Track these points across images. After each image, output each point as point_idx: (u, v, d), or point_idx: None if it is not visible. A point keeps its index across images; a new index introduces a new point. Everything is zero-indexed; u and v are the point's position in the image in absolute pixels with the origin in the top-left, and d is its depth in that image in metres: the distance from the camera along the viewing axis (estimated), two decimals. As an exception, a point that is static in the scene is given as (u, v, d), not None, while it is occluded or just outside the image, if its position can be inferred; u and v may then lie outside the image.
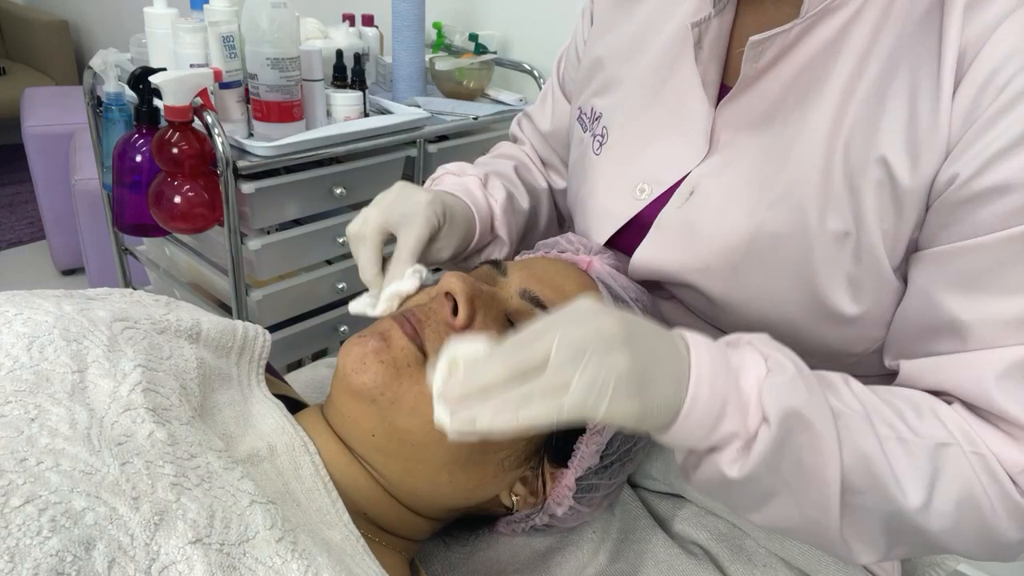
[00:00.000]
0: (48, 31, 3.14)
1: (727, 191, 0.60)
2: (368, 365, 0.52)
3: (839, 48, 0.55)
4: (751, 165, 0.60)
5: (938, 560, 0.82)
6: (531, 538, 0.66)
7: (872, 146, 0.53)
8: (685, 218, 0.63)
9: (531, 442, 0.56)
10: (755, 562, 0.66)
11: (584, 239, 0.71)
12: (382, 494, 0.55)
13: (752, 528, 0.68)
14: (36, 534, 0.33)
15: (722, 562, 0.65)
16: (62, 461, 0.37)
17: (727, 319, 0.64)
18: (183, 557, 0.36)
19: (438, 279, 0.57)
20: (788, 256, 0.57)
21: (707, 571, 0.64)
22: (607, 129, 0.72)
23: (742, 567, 0.65)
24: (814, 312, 0.58)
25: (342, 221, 1.35)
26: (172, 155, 1.10)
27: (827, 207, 0.55)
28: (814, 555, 0.65)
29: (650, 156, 0.67)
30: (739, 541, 0.68)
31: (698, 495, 0.71)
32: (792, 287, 0.58)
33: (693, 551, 0.66)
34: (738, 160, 0.61)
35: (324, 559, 0.42)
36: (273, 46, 1.12)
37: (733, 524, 0.69)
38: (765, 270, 0.58)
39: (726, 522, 0.70)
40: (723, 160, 0.62)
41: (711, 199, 0.61)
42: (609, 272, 0.66)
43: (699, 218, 0.62)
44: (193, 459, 0.42)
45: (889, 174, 0.53)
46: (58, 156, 2.22)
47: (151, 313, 0.54)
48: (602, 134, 0.72)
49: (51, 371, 0.42)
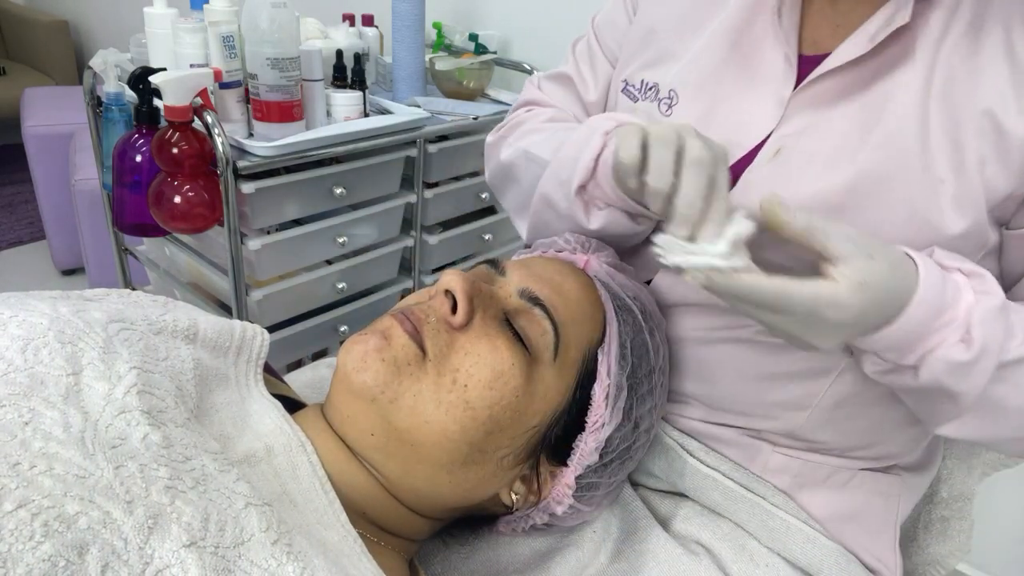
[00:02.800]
0: (48, 31, 3.14)
1: (819, 144, 0.60)
2: (369, 363, 0.52)
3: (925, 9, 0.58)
4: (841, 124, 0.60)
5: (939, 559, 0.82)
6: (531, 538, 0.66)
7: (974, 99, 0.56)
8: (775, 172, 0.62)
9: (530, 441, 0.56)
10: (757, 561, 0.66)
11: (581, 237, 0.70)
12: (382, 493, 0.55)
13: (755, 527, 0.67)
14: (29, 539, 0.32)
15: (724, 561, 0.65)
16: (55, 465, 0.36)
17: None
18: (177, 561, 0.36)
19: (437, 279, 0.57)
20: (891, 196, 0.58)
21: (708, 571, 0.63)
22: (675, 93, 0.69)
23: (744, 566, 0.65)
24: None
25: (342, 221, 1.35)
26: (172, 155, 1.10)
27: (928, 157, 0.57)
28: (816, 554, 0.65)
29: (724, 122, 0.66)
30: (741, 541, 0.67)
31: (700, 495, 0.70)
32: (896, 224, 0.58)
33: (695, 550, 0.66)
34: (825, 121, 0.61)
35: (320, 561, 0.42)
36: (273, 46, 1.12)
37: (735, 524, 0.69)
38: (866, 211, 0.59)
39: (728, 522, 0.69)
40: (808, 121, 0.62)
41: (803, 154, 0.61)
42: (607, 270, 0.66)
43: (792, 171, 0.61)
44: (188, 462, 0.42)
45: (996, 125, 0.55)
46: (58, 156, 2.22)
47: (148, 314, 0.54)
48: (669, 97, 0.70)
49: (45, 374, 0.42)
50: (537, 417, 0.56)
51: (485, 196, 1.60)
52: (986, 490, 1.40)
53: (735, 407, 0.69)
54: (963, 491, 0.81)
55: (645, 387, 0.62)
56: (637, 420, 0.62)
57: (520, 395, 0.54)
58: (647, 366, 0.62)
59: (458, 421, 0.52)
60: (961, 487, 0.81)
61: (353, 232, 1.39)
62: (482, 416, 0.52)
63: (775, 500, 0.68)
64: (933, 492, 0.83)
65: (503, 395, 0.53)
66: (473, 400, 0.52)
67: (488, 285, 0.59)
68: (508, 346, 0.54)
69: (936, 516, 0.83)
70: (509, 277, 0.61)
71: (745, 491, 0.68)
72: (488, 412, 0.52)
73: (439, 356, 0.54)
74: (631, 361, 0.61)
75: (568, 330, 0.58)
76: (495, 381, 0.53)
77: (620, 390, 0.59)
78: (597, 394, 0.58)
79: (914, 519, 0.85)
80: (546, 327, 0.57)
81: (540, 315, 0.57)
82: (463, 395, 0.52)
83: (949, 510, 0.82)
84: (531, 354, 0.55)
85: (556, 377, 0.57)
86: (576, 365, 0.58)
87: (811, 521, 0.68)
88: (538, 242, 0.74)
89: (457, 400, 0.52)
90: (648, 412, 0.63)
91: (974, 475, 0.82)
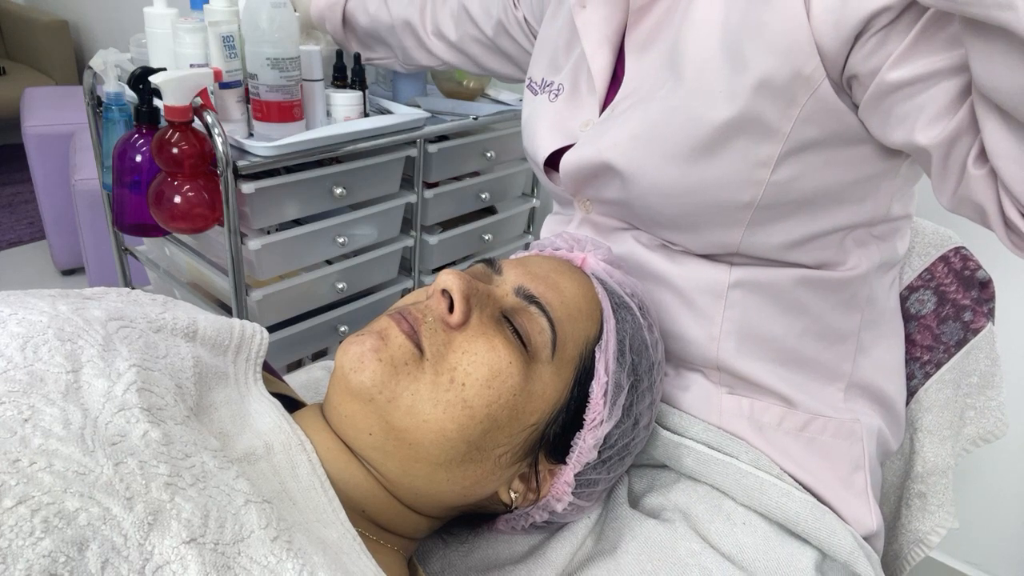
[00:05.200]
0: (48, 31, 3.14)
1: (645, 94, 0.69)
2: (366, 364, 0.52)
3: None
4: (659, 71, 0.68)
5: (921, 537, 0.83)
6: (530, 535, 0.66)
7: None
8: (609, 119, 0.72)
9: (528, 439, 0.57)
10: (734, 520, 0.66)
11: (578, 235, 0.72)
12: (381, 492, 0.55)
13: (730, 487, 0.69)
14: (29, 535, 0.33)
15: (700, 523, 0.66)
16: (55, 462, 0.37)
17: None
18: (177, 557, 0.36)
19: (436, 279, 0.57)
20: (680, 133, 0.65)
21: (683, 537, 0.64)
22: (562, 86, 0.82)
23: (721, 526, 0.66)
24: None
25: (342, 221, 1.35)
26: (172, 155, 1.10)
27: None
28: (792, 507, 0.66)
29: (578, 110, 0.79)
30: (716, 501, 0.68)
31: (674, 462, 0.72)
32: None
33: (669, 518, 0.67)
34: (646, 75, 0.70)
35: (320, 558, 0.42)
36: (273, 46, 1.12)
37: (711, 487, 0.70)
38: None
39: (704, 485, 0.70)
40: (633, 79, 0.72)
41: (629, 105, 0.71)
42: (604, 268, 0.66)
43: (622, 117, 0.71)
44: (188, 458, 0.42)
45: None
46: (58, 156, 2.22)
47: (147, 312, 0.54)
48: (557, 91, 0.83)
49: (45, 371, 0.42)
50: (535, 415, 0.56)
51: (485, 196, 1.60)
52: (986, 490, 1.40)
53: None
54: (937, 464, 0.82)
55: (645, 383, 0.62)
56: (636, 417, 0.62)
57: (518, 393, 0.54)
58: (647, 363, 0.63)
59: (456, 420, 0.52)
60: (935, 460, 0.82)
61: (353, 232, 1.39)
62: (480, 415, 0.52)
63: (747, 457, 0.70)
64: (909, 467, 0.85)
65: (501, 394, 0.53)
66: (471, 399, 0.52)
67: (485, 284, 0.59)
68: (505, 345, 0.54)
69: (914, 491, 0.84)
70: (506, 276, 0.61)
71: (716, 453, 0.70)
72: (486, 411, 0.53)
73: (436, 355, 0.54)
74: (630, 359, 0.61)
75: (565, 328, 0.58)
76: (493, 380, 0.53)
77: (619, 388, 0.59)
78: (595, 392, 0.59)
79: (897, 497, 0.86)
80: (543, 325, 0.57)
81: (537, 313, 0.57)
82: (461, 394, 0.52)
83: (925, 485, 0.83)
84: (529, 352, 0.55)
85: (554, 375, 0.57)
86: (574, 363, 0.58)
87: (784, 476, 0.69)
88: (535, 242, 0.74)
89: (455, 399, 0.52)
90: (648, 408, 0.64)
91: (946, 447, 0.82)
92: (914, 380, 0.85)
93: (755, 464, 0.69)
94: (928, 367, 0.84)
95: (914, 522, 0.84)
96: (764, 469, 0.69)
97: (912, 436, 0.84)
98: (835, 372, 0.75)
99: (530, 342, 0.56)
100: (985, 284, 0.82)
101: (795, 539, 0.66)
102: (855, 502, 0.71)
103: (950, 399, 0.83)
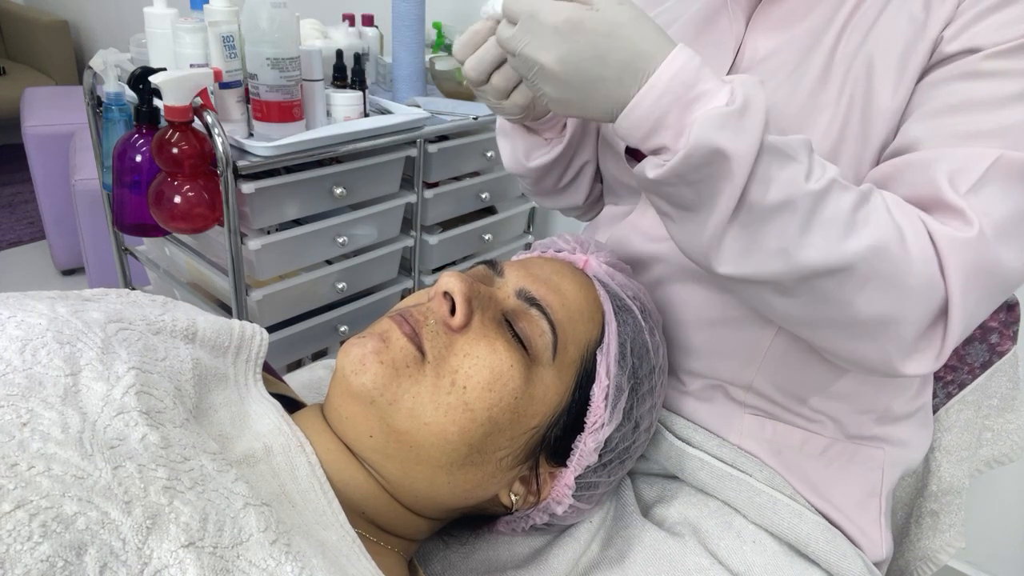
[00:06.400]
0: (48, 31, 3.14)
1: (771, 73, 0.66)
2: (368, 366, 0.52)
3: None
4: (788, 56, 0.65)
5: (930, 555, 0.83)
6: (530, 537, 0.66)
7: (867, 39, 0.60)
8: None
9: (529, 441, 0.56)
10: (744, 538, 0.66)
11: (580, 237, 0.71)
12: (381, 494, 0.55)
13: (742, 504, 0.68)
14: (27, 539, 0.32)
15: (710, 539, 0.66)
16: (54, 466, 0.36)
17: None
18: (175, 561, 0.36)
19: (437, 279, 0.57)
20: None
21: (693, 550, 0.64)
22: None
23: (731, 543, 0.65)
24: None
25: (342, 221, 1.35)
26: (172, 155, 1.10)
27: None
28: (803, 528, 0.66)
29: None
30: (728, 518, 0.68)
31: (688, 475, 0.71)
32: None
33: (679, 531, 0.67)
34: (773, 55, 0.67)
35: (319, 560, 0.42)
36: (273, 46, 1.12)
37: (723, 502, 0.70)
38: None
39: (716, 500, 0.70)
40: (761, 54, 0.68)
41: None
42: (606, 270, 0.66)
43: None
44: (186, 462, 0.42)
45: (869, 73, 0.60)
46: (58, 156, 2.22)
47: (147, 314, 0.54)
48: None
49: (44, 375, 0.42)
50: (536, 418, 0.56)
51: (485, 196, 1.60)
52: (986, 490, 1.40)
53: (693, 348, 0.71)
54: (952, 484, 0.82)
55: (645, 387, 0.62)
56: (637, 420, 0.62)
57: (519, 396, 0.54)
58: (647, 366, 0.62)
59: (457, 423, 0.52)
60: (950, 480, 0.82)
61: (353, 232, 1.39)
62: (481, 418, 0.52)
63: (761, 476, 0.69)
64: (923, 485, 0.84)
65: (502, 396, 0.53)
66: (472, 402, 0.52)
67: (487, 286, 0.59)
68: (507, 347, 0.54)
69: (927, 510, 0.83)
70: (507, 278, 0.61)
71: (731, 469, 0.69)
72: (487, 414, 0.52)
73: (438, 358, 0.53)
74: (631, 362, 0.61)
75: (566, 330, 0.58)
76: (494, 383, 0.53)
77: (620, 391, 0.59)
78: (596, 395, 0.58)
79: (906, 514, 0.86)
80: (544, 328, 0.57)
81: (538, 316, 0.57)
82: (462, 397, 0.52)
83: (939, 504, 0.82)
84: (530, 355, 0.55)
85: (555, 378, 0.57)
86: (575, 365, 0.58)
87: (797, 496, 0.68)
88: (537, 243, 0.74)
89: (456, 402, 0.52)
90: (648, 411, 0.63)
91: (963, 468, 0.82)
92: (935, 400, 0.84)
93: (769, 483, 0.68)
94: (951, 387, 0.83)
95: (924, 539, 0.83)
96: (778, 488, 0.68)
97: (929, 455, 0.83)
98: (872, 404, 0.72)
99: (531, 345, 0.56)
100: (1012, 307, 0.81)
101: (804, 560, 0.66)
102: (868, 527, 0.70)
103: (970, 420, 0.82)
